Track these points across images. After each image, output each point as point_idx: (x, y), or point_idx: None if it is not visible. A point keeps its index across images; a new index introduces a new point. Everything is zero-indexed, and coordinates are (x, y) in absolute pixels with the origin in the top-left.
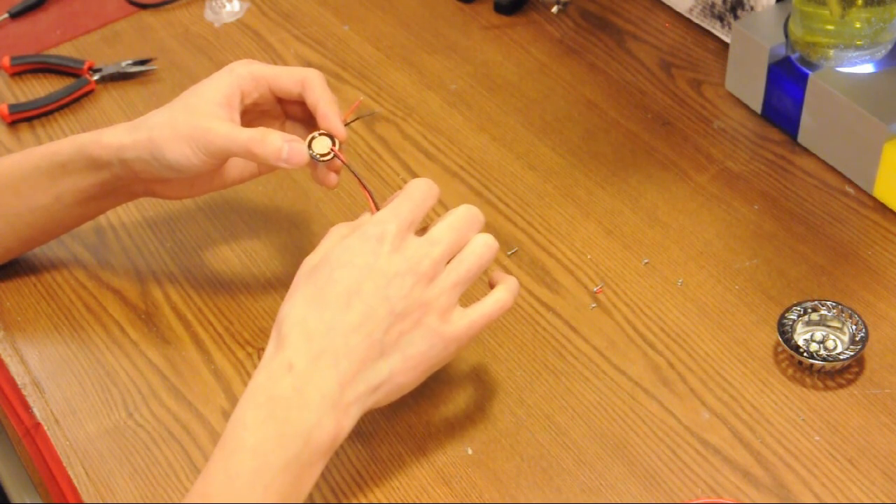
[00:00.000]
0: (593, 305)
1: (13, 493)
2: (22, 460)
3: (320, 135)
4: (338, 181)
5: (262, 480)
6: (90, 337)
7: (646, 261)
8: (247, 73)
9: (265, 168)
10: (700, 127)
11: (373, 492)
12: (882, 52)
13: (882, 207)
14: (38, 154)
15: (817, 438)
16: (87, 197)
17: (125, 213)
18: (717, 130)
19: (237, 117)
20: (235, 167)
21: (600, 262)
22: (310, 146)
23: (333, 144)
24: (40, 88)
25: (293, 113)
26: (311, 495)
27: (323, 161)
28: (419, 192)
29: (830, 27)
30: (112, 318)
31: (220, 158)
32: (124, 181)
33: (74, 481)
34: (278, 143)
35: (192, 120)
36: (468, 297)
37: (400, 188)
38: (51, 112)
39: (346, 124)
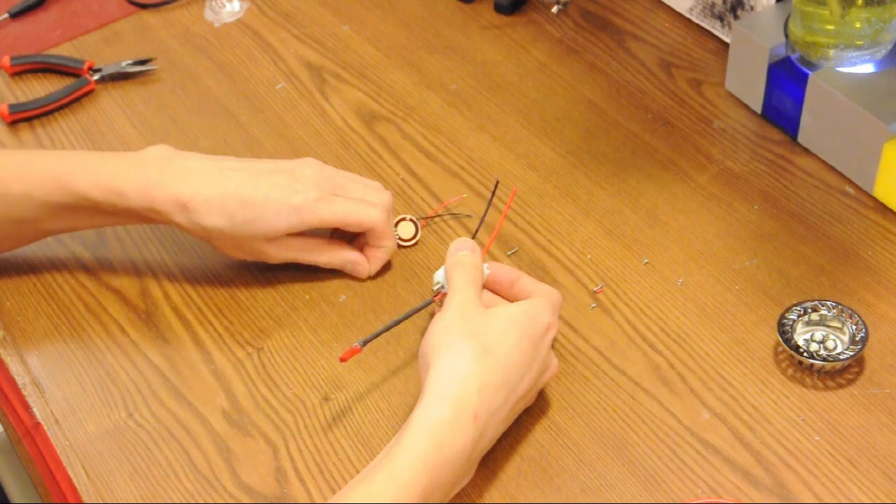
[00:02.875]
0: (593, 305)
1: (13, 493)
2: (22, 460)
3: (408, 220)
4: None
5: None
6: (90, 337)
7: (646, 261)
8: (315, 221)
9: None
10: (700, 127)
11: None
12: (882, 52)
13: (882, 207)
14: (76, 195)
15: (817, 438)
16: (95, 225)
17: None
18: (717, 130)
19: (296, 233)
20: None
21: (600, 262)
22: (396, 225)
23: (416, 232)
24: (40, 88)
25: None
26: (310, 495)
27: (405, 245)
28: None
29: (830, 27)
30: (112, 318)
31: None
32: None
33: (74, 481)
34: (343, 261)
35: (254, 243)
36: None
37: (400, 188)
38: (51, 112)
39: (437, 216)
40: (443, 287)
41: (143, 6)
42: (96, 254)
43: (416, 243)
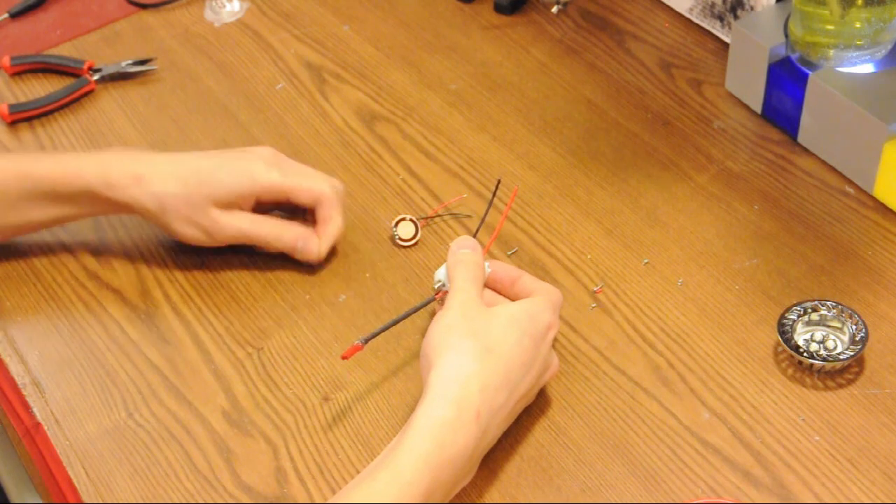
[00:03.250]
0: (593, 305)
1: (13, 493)
2: (22, 460)
3: (408, 220)
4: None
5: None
6: (90, 337)
7: (646, 261)
8: (267, 183)
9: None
10: (700, 127)
11: None
12: (882, 52)
13: (882, 207)
14: (32, 180)
15: (817, 438)
16: (72, 217)
17: None
18: (717, 130)
19: (248, 209)
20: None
21: (600, 262)
22: (395, 225)
23: (416, 232)
24: (40, 88)
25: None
26: (310, 495)
27: (403, 245)
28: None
29: (830, 27)
30: (112, 318)
31: (228, 242)
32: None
33: (74, 481)
34: (292, 236)
35: (207, 209)
36: None
37: (400, 188)
38: (51, 112)
39: (437, 216)
40: (444, 285)
41: (143, 6)
42: (96, 254)
43: (416, 243)
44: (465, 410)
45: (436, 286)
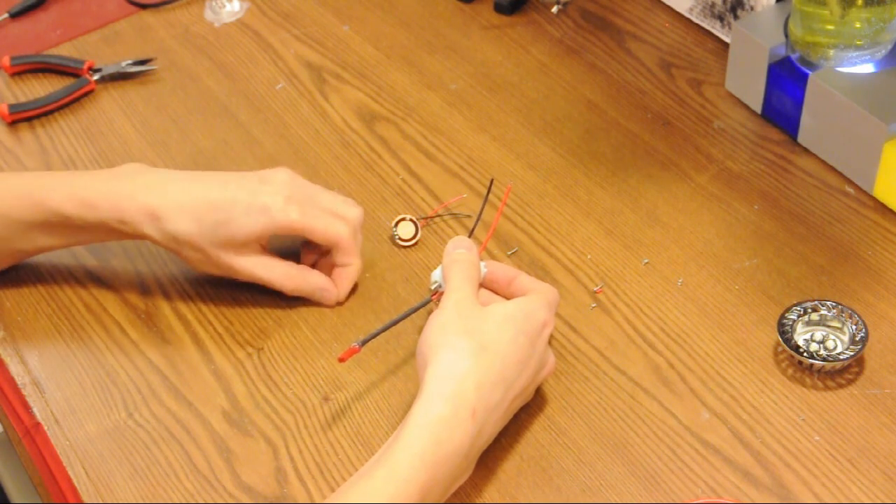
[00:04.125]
0: (593, 305)
1: (13, 493)
2: (22, 460)
3: (408, 220)
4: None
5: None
6: (90, 337)
7: (646, 261)
8: (285, 223)
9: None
10: (700, 127)
11: None
12: (882, 52)
13: (882, 207)
14: (47, 210)
15: (817, 438)
16: (85, 243)
17: None
18: (717, 130)
19: (264, 243)
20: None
21: (600, 262)
22: (395, 225)
23: (416, 232)
24: (40, 88)
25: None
26: (310, 495)
27: (403, 245)
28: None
29: (830, 27)
30: (112, 318)
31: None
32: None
33: (74, 481)
34: (310, 288)
35: (221, 250)
36: None
37: (400, 188)
38: (51, 112)
39: (437, 216)
40: (440, 286)
41: (143, 6)
42: (97, 254)
43: (416, 243)
44: (460, 408)
45: (432, 287)
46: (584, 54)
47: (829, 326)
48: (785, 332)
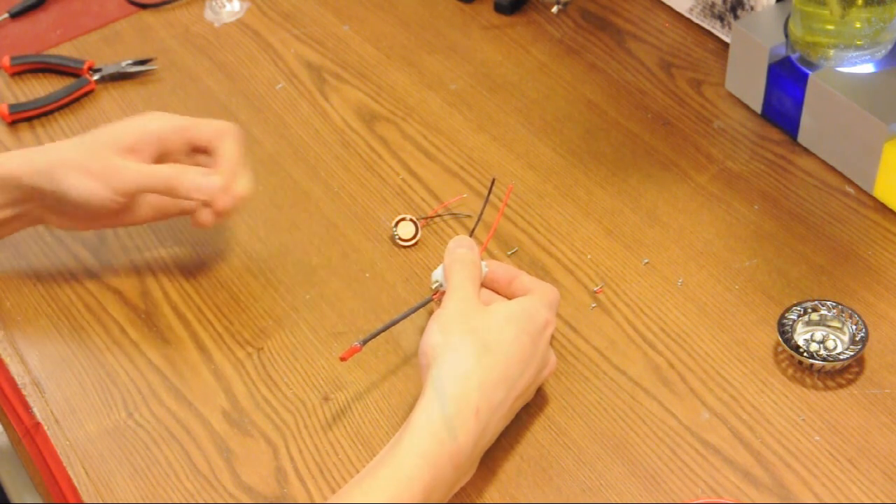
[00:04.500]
0: (593, 305)
1: (13, 493)
2: (22, 460)
3: (408, 220)
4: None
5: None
6: (90, 337)
7: (646, 261)
8: (167, 123)
9: (174, 210)
10: (700, 127)
11: None
12: (882, 52)
13: (882, 207)
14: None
15: (817, 438)
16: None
17: None
18: (717, 130)
19: (147, 161)
20: (145, 207)
21: (600, 262)
22: (396, 225)
23: (416, 232)
24: (40, 88)
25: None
26: (310, 495)
27: (403, 245)
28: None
29: (830, 27)
30: (112, 318)
31: (130, 196)
32: (23, 206)
33: (74, 481)
34: (196, 178)
35: (103, 158)
36: None
37: (400, 188)
38: (51, 112)
39: (437, 216)
40: (441, 285)
41: (143, 6)
42: (96, 254)
43: (416, 243)
44: (464, 408)
45: (433, 286)
46: (584, 54)
47: (829, 326)
48: (785, 332)
